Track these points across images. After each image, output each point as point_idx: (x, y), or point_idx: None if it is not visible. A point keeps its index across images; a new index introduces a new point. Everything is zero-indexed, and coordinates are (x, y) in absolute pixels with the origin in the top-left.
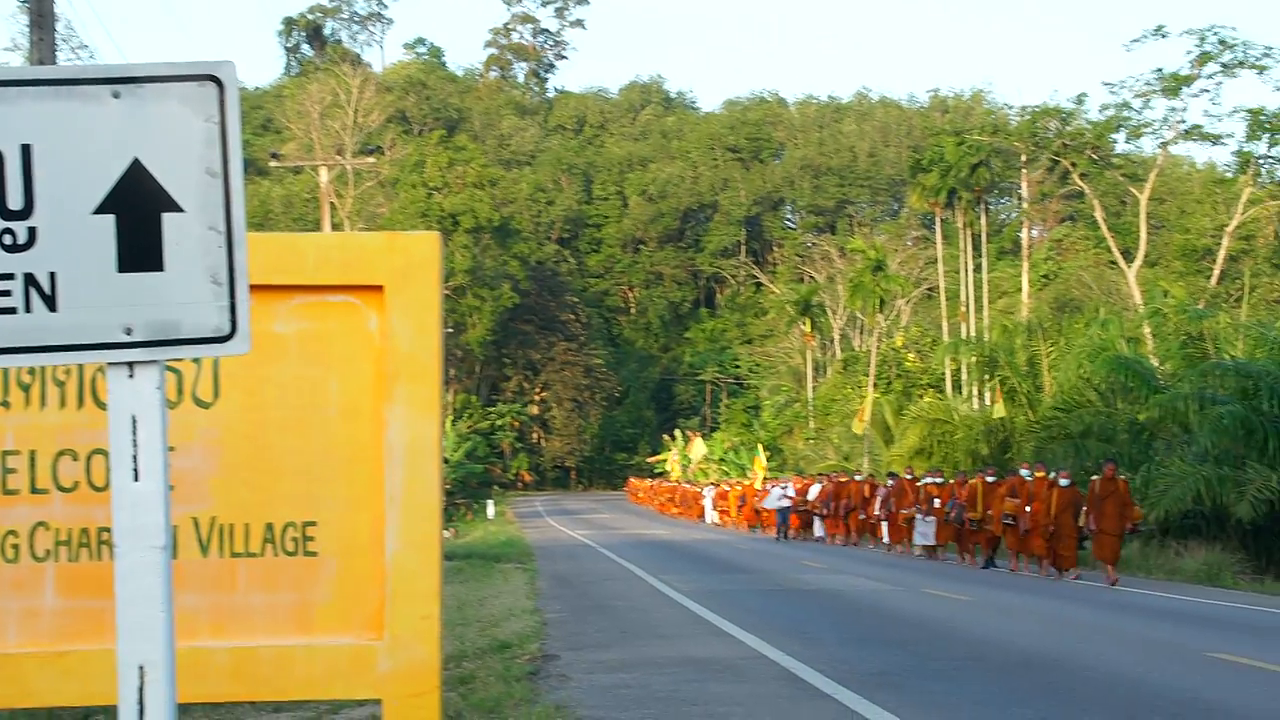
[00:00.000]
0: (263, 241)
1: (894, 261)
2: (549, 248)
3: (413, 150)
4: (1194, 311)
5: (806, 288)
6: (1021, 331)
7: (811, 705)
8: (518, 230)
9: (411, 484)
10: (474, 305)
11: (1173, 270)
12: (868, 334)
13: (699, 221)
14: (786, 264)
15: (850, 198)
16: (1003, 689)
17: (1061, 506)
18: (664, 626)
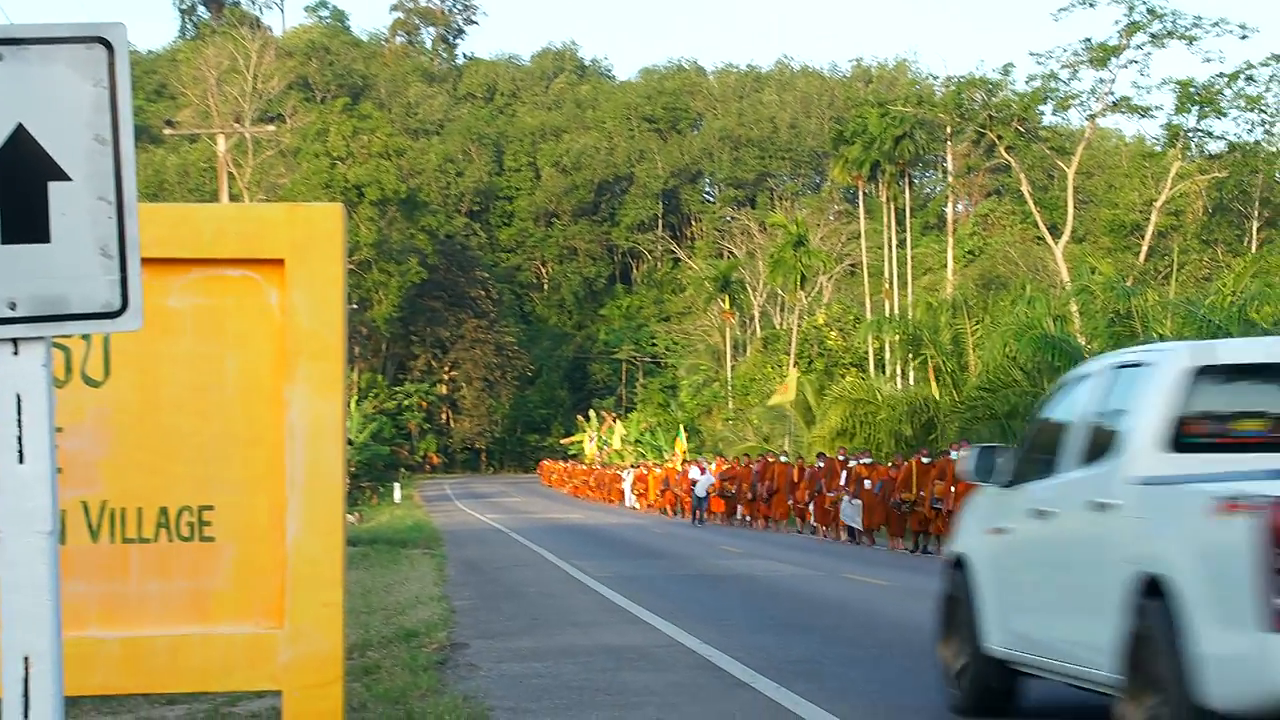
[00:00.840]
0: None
1: (816, 236)
2: (458, 221)
3: (315, 118)
4: (1122, 289)
5: (726, 263)
6: (946, 309)
7: (729, 694)
8: (425, 202)
9: (313, 466)
10: (379, 280)
11: (1100, 246)
12: (789, 311)
13: (614, 194)
14: (705, 239)
15: (771, 170)
16: (923, 676)
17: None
18: (577, 614)
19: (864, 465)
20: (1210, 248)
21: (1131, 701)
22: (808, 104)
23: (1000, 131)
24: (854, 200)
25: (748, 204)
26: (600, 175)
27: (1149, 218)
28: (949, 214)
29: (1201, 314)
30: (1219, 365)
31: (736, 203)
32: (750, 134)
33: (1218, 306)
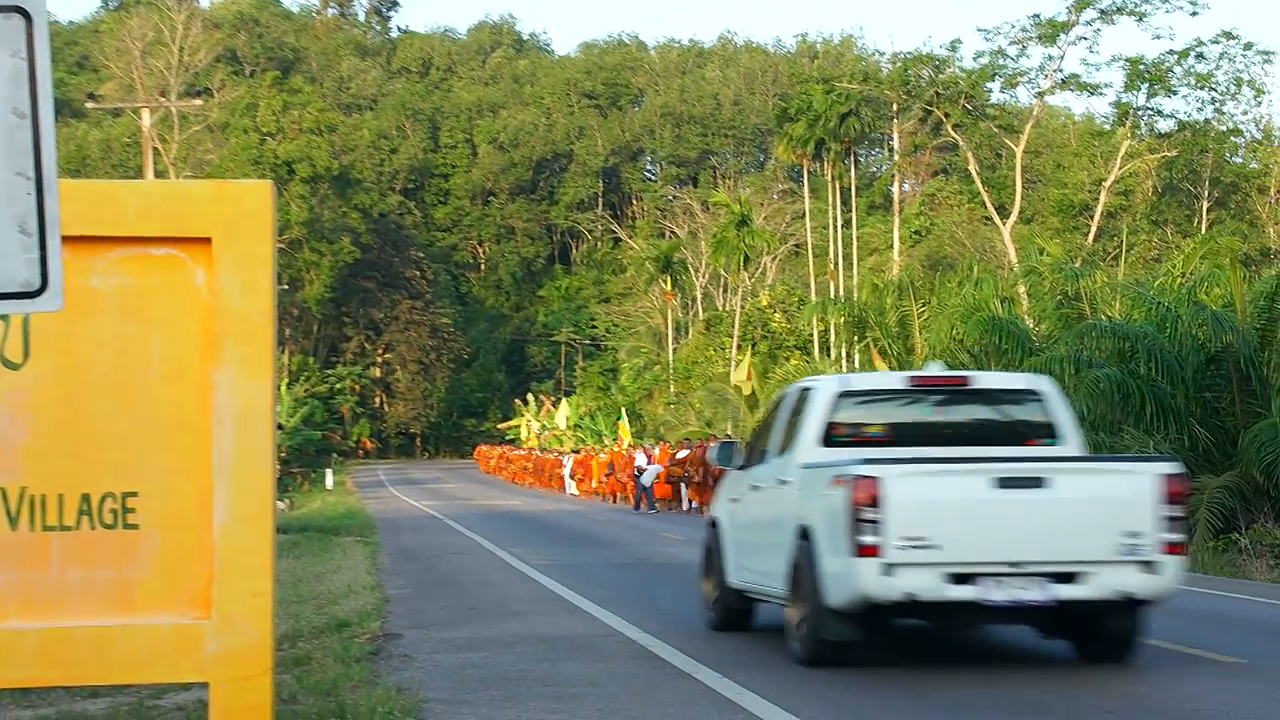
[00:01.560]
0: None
1: (759, 216)
2: (392, 199)
3: (244, 92)
4: (1070, 270)
5: (667, 243)
6: (892, 290)
7: (670, 684)
8: (358, 180)
9: (242, 452)
10: (311, 260)
11: (1049, 227)
12: (731, 293)
13: (553, 172)
14: (646, 218)
15: (713, 148)
16: (871, 666)
17: None
18: (515, 603)
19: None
20: (1160, 228)
21: (793, 606)
22: (751, 80)
23: (947, 109)
24: (798, 179)
25: (690, 182)
26: (539, 152)
27: (1098, 198)
28: (895, 193)
29: (1151, 296)
30: (854, 391)
31: (678, 181)
32: (693, 111)
33: (1167, 288)
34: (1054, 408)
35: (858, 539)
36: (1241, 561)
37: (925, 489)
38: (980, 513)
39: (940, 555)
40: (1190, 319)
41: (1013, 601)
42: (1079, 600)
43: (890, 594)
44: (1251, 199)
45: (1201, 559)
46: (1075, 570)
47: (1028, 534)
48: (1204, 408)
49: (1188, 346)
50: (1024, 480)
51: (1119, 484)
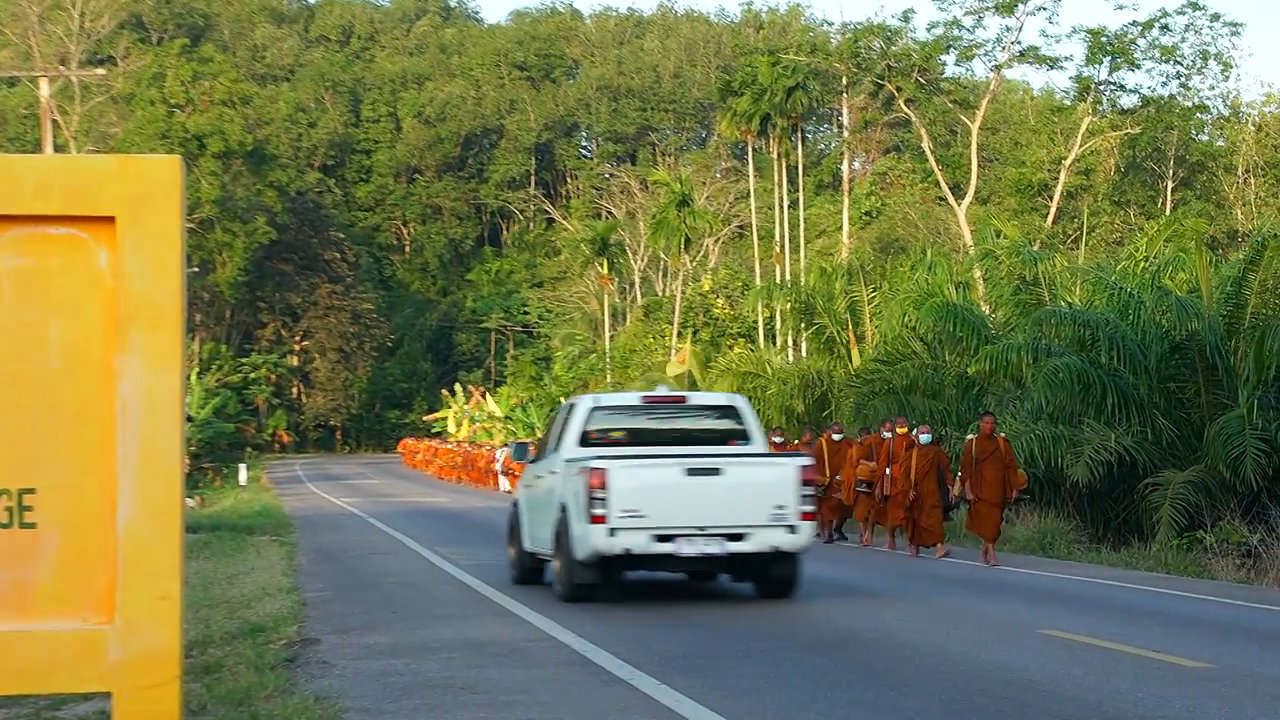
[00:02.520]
0: None
1: (701, 196)
2: (311, 176)
3: (150, 61)
4: (1028, 253)
5: (604, 224)
6: (841, 275)
7: (605, 691)
8: (274, 156)
9: (148, 445)
10: (223, 241)
11: (1006, 208)
12: (672, 277)
13: (483, 149)
14: (581, 197)
15: (653, 124)
16: (815, 670)
17: (923, 469)
18: (441, 606)
19: (774, 444)
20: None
21: (556, 560)
22: (693, 52)
23: (899, 83)
24: (742, 157)
25: (628, 160)
26: (467, 127)
27: (1057, 177)
28: (845, 172)
29: (1112, 280)
30: (603, 406)
31: (615, 158)
32: (630, 84)
33: (1130, 272)
34: (747, 419)
35: (591, 511)
36: (1207, 561)
37: (637, 476)
38: (676, 492)
39: (648, 522)
40: (1154, 305)
41: (699, 554)
42: (745, 553)
43: (614, 549)
44: (1218, 179)
45: (1165, 558)
46: (742, 531)
47: (709, 507)
48: (1168, 399)
49: (1151, 334)
50: (706, 470)
51: (771, 473)
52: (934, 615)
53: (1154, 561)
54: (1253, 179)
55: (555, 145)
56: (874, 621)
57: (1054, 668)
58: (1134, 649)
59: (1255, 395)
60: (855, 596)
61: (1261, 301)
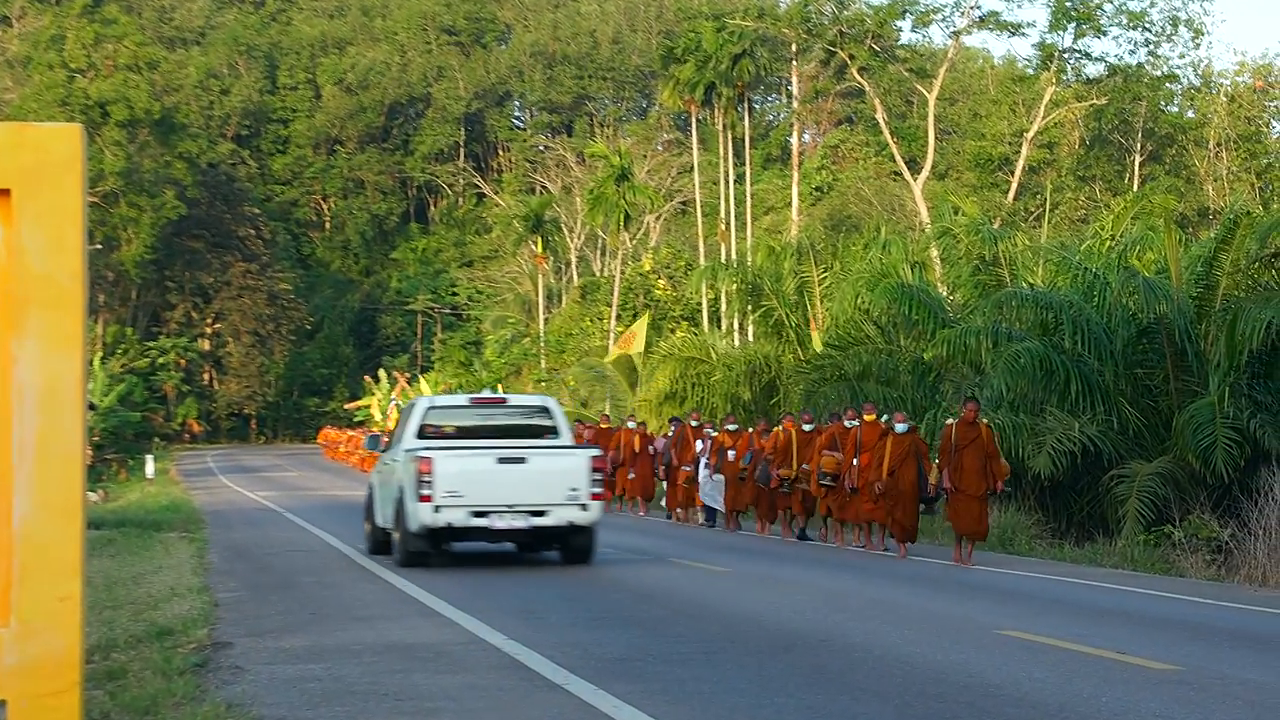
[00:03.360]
0: None
1: (642, 169)
2: (223, 147)
3: (49, 22)
4: (988, 232)
5: (538, 200)
6: (790, 254)
7: (538, 697)
8: (184, 125)
9: (46, 435)
10: (129, 216)
11: (965, 183)
12: (610, 256)
13: (408, 119)
14: (514, 171)
15: (590, 93)
16: (762, 674)
17: (899, 458)
18: (363, 606)
19: (728, 433)
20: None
21: (396, 533)
22: (633, 16)
23: (852, 50)
24: (686, 128)
25: (563, 131)
26: (391, 96)
27: (1019, 150)
28: (794, 145)
29: (1077, 260)
30: (438, 406)
31: (550, 130)
32: (566, 50)
33: (1095, 252)
34: (556, 417)
35: (420, 492)
36: (1175, 557)
37: (457, 463)
38: (490, 476)
39: (466, 501)
40: (1120, 287)
41: (509, 527)
42: (546, 526)
43: (438, 523)
44: (1188, 153)
45: (1132, 554)
46: (544, 509)
47: (516, 489)
48: (1135, 386)
49: (1117, 318)
50: (514, 459)
51: (567, 461)
52: (889, 615)
53: (1119, 558)
54: (1224, 153)
55: (486, 115)
56: (825, 622)
57: (1014, 670)
58: (1098, 650)
59: (1226, 382)
60: (805, 596)
61: (1233, 283)
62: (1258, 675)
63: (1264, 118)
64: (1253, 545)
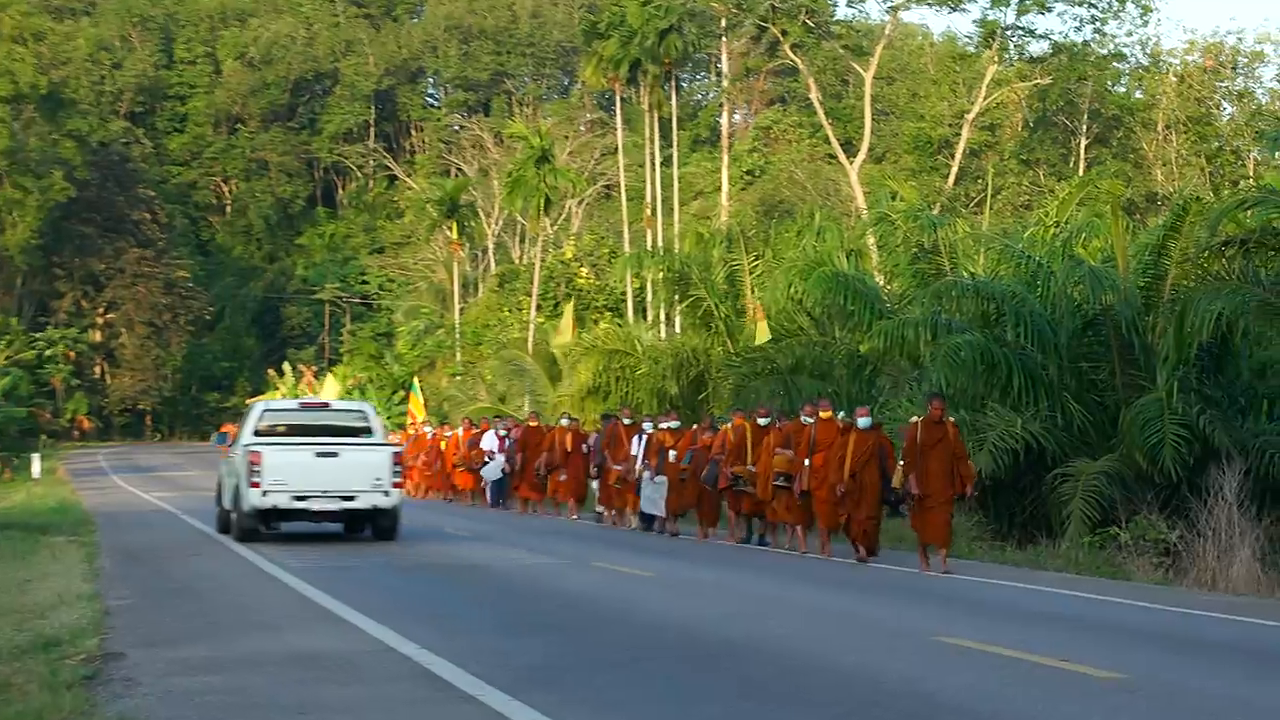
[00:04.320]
0: None
1: (563, 151)
2: (116, 125)
3: None
4: (927, 218)
5: (453, 183)
6: (720, 241)
7: (450, 709)
8: (73, 101)
9: None
10: (13, 198)
11: (903, 167)
12: (530, 243)
13: (315, 96)
14: (428, 152)
15: (508, 69)
16: (687, 683)
17: (861, 458)
18: (266, 614)
19: (668, 430)
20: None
21: (235, 513)
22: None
23: (785, 26)
24: (610, 108)
25: (480, 110)
26: (297, 71)
27: (959, 133)
28: (724, 126)
29: (1020, 248)
30: (271, 408)
31: (466, 109)
32: (483, 24)
33: (1039, 239)
34: (371, 419)
35: (252, 479)
36: (1121, 559)
37: (281, 456)
38: (309, 467)
39: (289, 487)
40: (1065, 276)
41: (324, 509)
42: (356, 509)
43: (265, 505)
44: (1136, 135)
45: (1076, 557)
46: (353, 494)
47: (331, 478)
48: (1080, 380)
49: (1062, 309)
50: (329, 453)
51: (374, 456)
52: (821, 621)
53: (1063, 561)
54: (1174, 135)
55: (398, 93)
56: (755, 629)
57: (951, 678)
58: (1040, 657)
59: (1175, 376)
60: (735, 601)
61: (1183, 272)
62: (1206, 683)
63: (1214, 99)
64: (1202, 547)
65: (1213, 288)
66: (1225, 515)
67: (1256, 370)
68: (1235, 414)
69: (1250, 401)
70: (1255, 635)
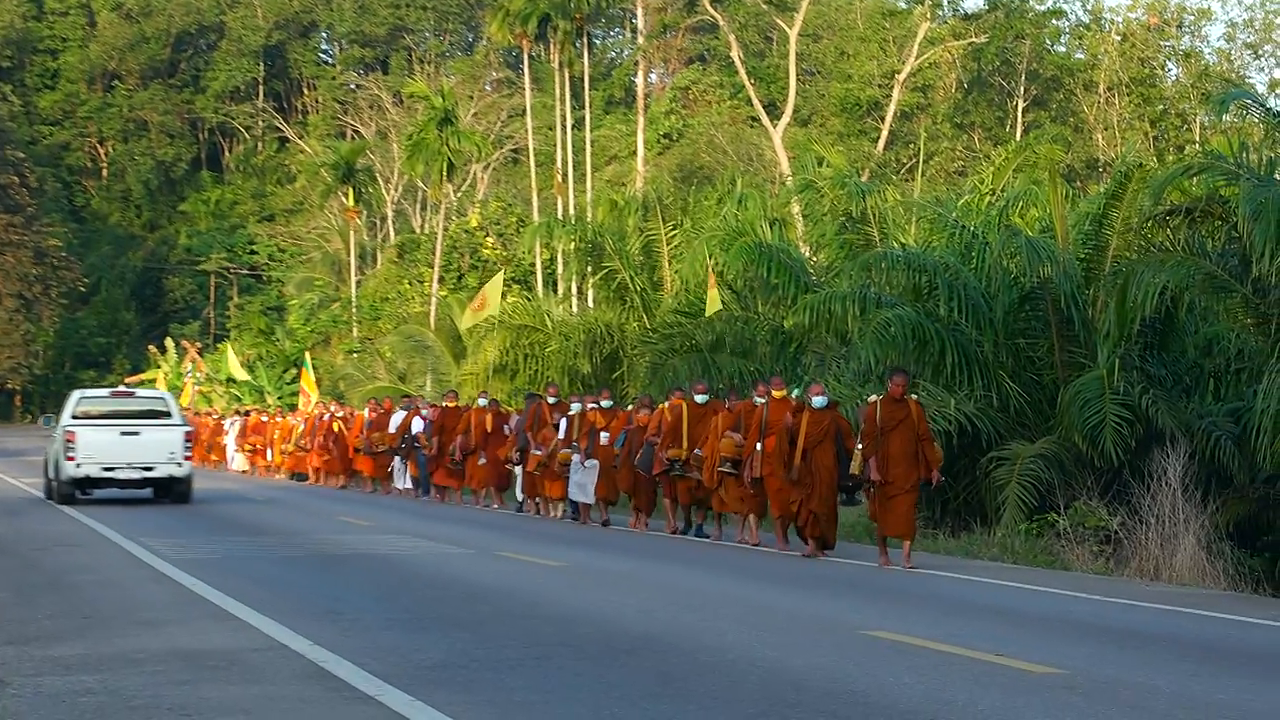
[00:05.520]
0: None
1: (467, 113)
2: None
3: None
4: (855, 185)
5: (349, 146)
6: (635, 209)
7: (346, 710)
8: None
9: None
10: None
11: (830, 130)
12: (432, 210)
13: (199, 51)
14: (321, 113)
15: (408, 24)
16: (601, 681)
17: (815, 439)
18: (147, 609)
19: (599, 410)
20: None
21: (55, 482)
22: None
23: None
24: (517, 66)
25: (378, 68)
26: (179, 24)
27: (890, 94)
28: (639, 86)
29: (953, 218)
30: (87, 396)
31: (363, 66)
32: None
33: (973, 208)
34: (170, 405)
35: (68, 454)
36: (1059, 548)
37: (92, 434)
38: (115, 444)
39: (99, 460)
40: (1001, 247)
41: (129, 478)
42: (155, 478)
43: (79, 475)
44: (1076, 97)
45: (1012, 545)
46: (152, 466)
47: (134, 452)
48: (1016, 358)
49: (998, 282)
50: (131, 432)
51: (169, 434)
52: (745, 615)
53: (999, 549)
54: (1116, 98)
55: (288, 48)
56: (674, 623)
57: (881, 674)
58: (974, 652)
59: (1116, 353)
60: (652, 594)
61: (1125, 243)
62: (1147, 678)
63: (1159, 59)
64: (1144, 535)
65: (1156, 259)
66: (1169, 501)
67: (1202, 347)
68: (1180, 393)
69: (1196, 380)
70: (1199, 628)
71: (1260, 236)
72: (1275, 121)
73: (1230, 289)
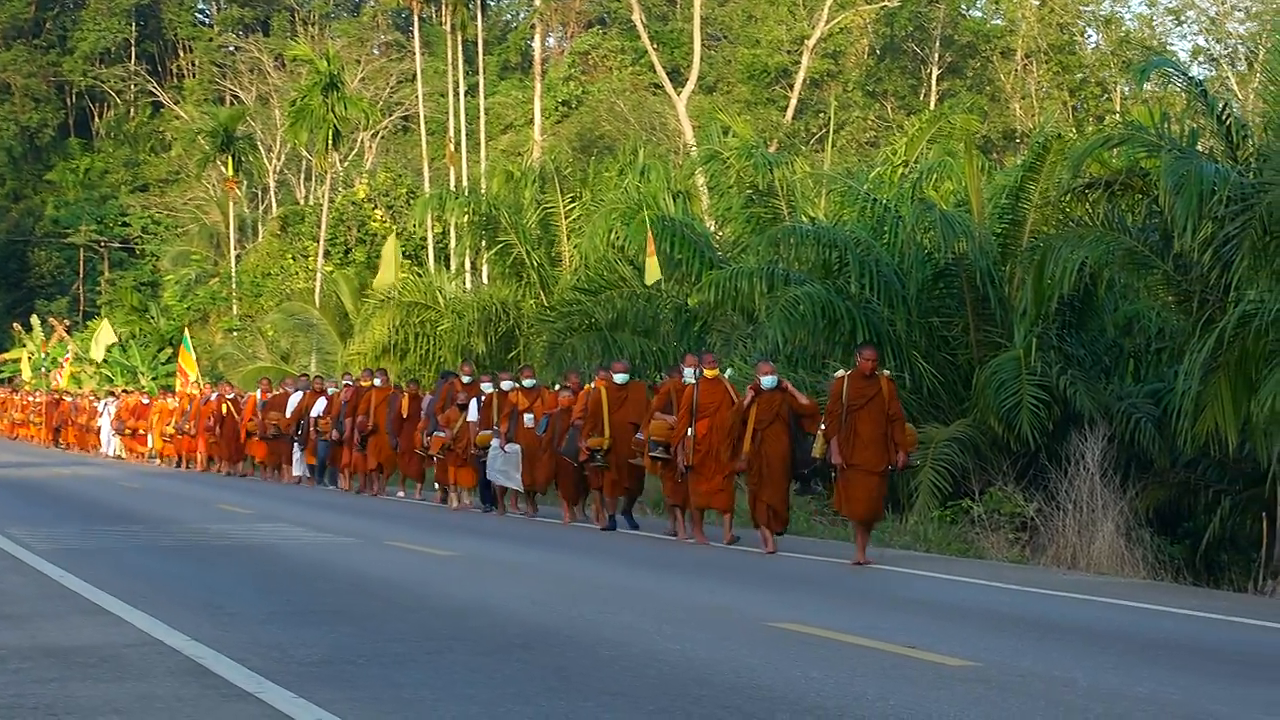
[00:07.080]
0: None
1: (354, 77)
2: None
3: None
4: (763, 156)
5: (227, 112)
6: (532, 180)
7: (225, 708)
8: None
9: None
10: None
11: (736, 98)
12: (317, 181)
13: (65, 10)
14: (198, 76)
15: None
16: (494, 677)
17: (765, 422)
18: (10, 602)
19: (520, 390)
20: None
21: None
22: None
23: None
24: (407, 29)
25: (258, 29)
26: None
27: (799, 60)
28: (536, 51)
29: (865, 191)
30: None
31: (242, 27)
32: None
33: (886, 180)
34: None
35: None
36: (974, 536)
37: None
38: None
39: None
40: (914, 222)
41: None
42: None
43: None
44: (993, 65)
45: (925, 533)
46: None
47: None
48: (930, 337)
49: (911, 257)
50: None
51: None
52: (646, 607)
53: (911, 537)
54: (1034, 66)
55: (163, 7)
56: (571, 615)
57: (788, 668)
58: (885, 645)
59: (1034, 332)
60: (549, 585)
61: (1043, 217)
62: (1064, 670)
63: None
64: (1062, 521)
65: (1075, 234)
66: (1087, 486)
67: (1122, 326)
68: (1099, 374)
69: (1115, 360)
70: (1119, 618)
71: (1182, 210)
72: (1198, 91)
73: (1151, 265)
